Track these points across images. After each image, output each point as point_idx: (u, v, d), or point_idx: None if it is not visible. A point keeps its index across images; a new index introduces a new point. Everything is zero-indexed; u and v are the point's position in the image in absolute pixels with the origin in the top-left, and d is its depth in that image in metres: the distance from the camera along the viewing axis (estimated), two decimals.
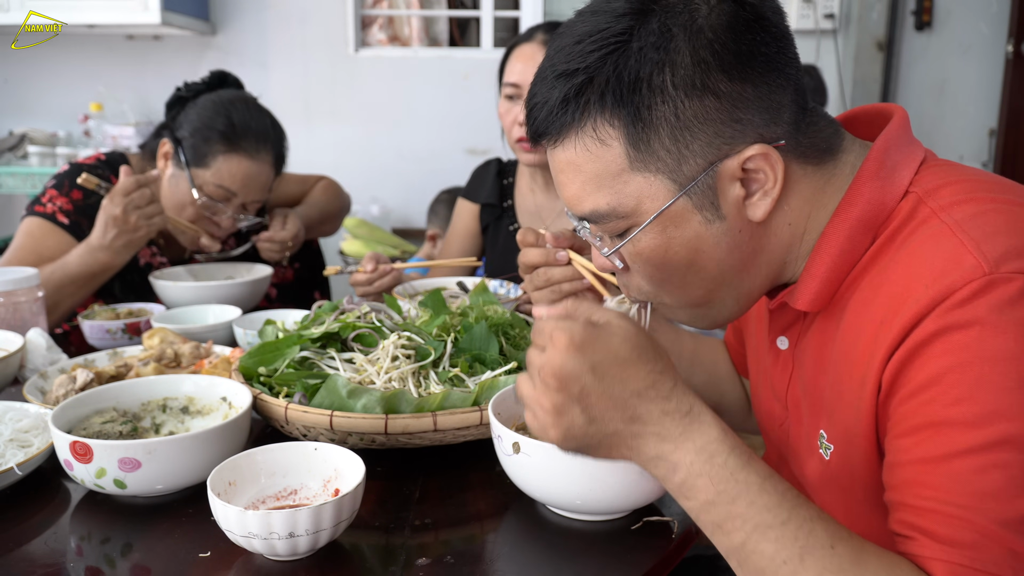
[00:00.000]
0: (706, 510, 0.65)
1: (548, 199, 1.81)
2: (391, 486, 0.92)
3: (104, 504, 0.87)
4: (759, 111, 0.71)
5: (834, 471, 0.78)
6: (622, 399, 0.66)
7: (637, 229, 0.75)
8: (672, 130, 0.70)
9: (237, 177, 1.62)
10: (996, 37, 3.50)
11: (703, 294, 0.78)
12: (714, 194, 0.73)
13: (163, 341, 1.24)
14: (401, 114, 3.62)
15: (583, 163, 0.74)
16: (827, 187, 0.76)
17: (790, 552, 0.62)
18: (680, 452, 0.65)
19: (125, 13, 3.07)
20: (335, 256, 3.50)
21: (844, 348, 0.74)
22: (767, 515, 0.63)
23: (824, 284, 0.76)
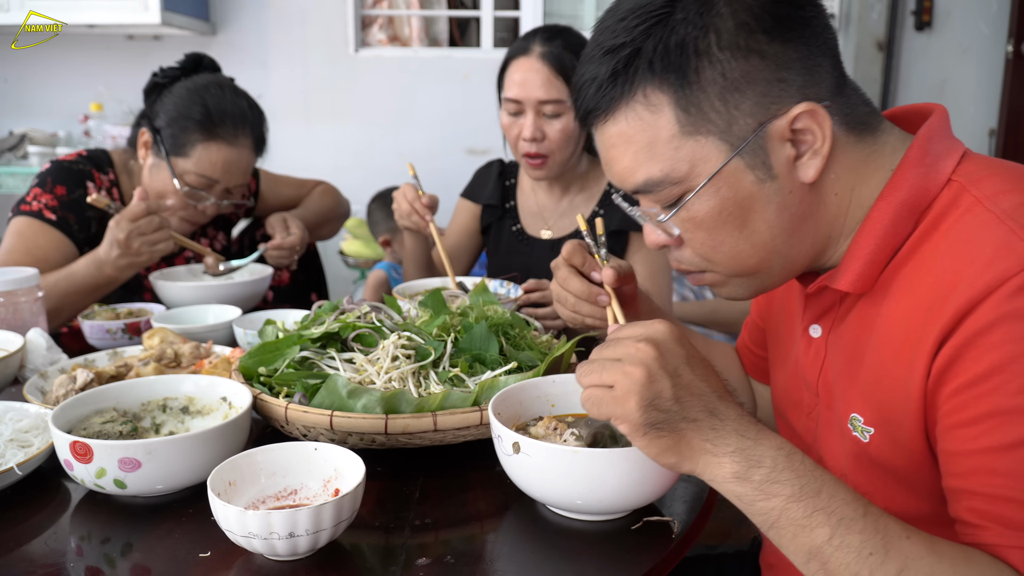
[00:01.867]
0: (789, 507, 0.64)
1: (550, 200, 1.81)
2: (391, 486, 0.92)
3: (104, 504, 0.87)
4: (801, 72, 0.74)
5: (873, 453, 0.79)
6: (705, 394, 0.69)
7: (691, 194, 0.76)
8: (721, 91, 0.73)
9: (218, 165, 1.63)
10: (996, 37, 3.50)
11: (754, 262, 0.80)
12: (765, 154, 0.75)
13: (163, 341, 1.24)
14: (401, 114, 3.62)
15: (634, 133, 0.76)
16: (869, 161, 0.78)
17: (875, 543, 0.62)
18: (762, 447, 0.66)
19: (125, 13, 3.07)
20: (335, 256, 3.50)
21: (886, 332, 0.76)
22: (848, 508, 0.63)
23: (867, 265, 0.77)
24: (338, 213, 2.10)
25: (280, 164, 3.66)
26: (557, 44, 1.62)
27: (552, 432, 0.90)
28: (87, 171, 1.68)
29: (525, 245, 1.82)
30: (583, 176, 1.79)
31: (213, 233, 1.93)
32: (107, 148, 1.80)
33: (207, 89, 1.65)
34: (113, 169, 1.74)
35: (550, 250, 1.79)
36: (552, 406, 0.98)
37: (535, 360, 1.07)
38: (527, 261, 1.80)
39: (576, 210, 1.78)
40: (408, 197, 1.61)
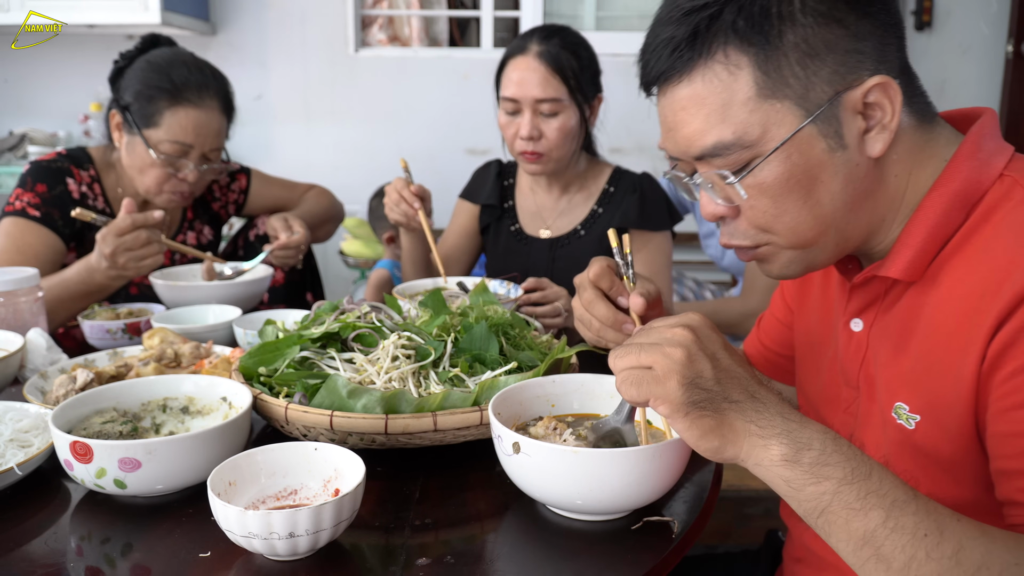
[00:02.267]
0: (842, 491, 0.63)
1: (549, 199, 1.81)
2: (391, 486, 0.92)
3: (104, 504, 0.87)
4: (876, 47, 0.75)
5: (919, 440, 0.79)
6: (744, 378, 0.69)
7: (760, 159, 0.76)
8: (801, 56, 0.74)
9: (188, 128, 1.64)
10: (996, 37, 3.50)
11: (812, 234, 0.80)
12: (838, 123, 0.75)
13: (163, 341, 1.24)
14: (401, 114, 3.62)
15: (709, 95, 0.76)
16: (926, 148, 0.80)
17: (929, 525, 0.62)
18: (808, 431, 0.65)
19: (125, 13, 3.07)
20: (335, 256, 3.50)
21: (936, 320, 0.77)
22: (899, 491, 0.63)
23: (919, 254, 0.78)
24: (333, 215, 2.11)
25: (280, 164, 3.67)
26: (554, 43, 1.62)
27: (552, 432, 0.90)
28: (66, 168, 1.69)
29: (524, 245, 1.82)
30: (582, 175, 1.79)
31: (199, 227, 1.94)
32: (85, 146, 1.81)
33: (166, 58, 1.67)
34: (93, 165, 1.75)
35: (549, 249, 1.79)
36: (552, 406, 0.98)
37: (535, 360, 1.07)
38: (526, 261, 1.80)
39: (575, 209, 1.78)
40: (396, 187, 1.63)
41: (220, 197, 1.98)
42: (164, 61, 1.66)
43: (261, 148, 3.65)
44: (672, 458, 0.79)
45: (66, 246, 1.67)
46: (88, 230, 1.72)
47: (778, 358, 1.12)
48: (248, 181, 2.00)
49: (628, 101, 3.41)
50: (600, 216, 1.75)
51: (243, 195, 1.99)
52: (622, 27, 3.71)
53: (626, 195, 1.73)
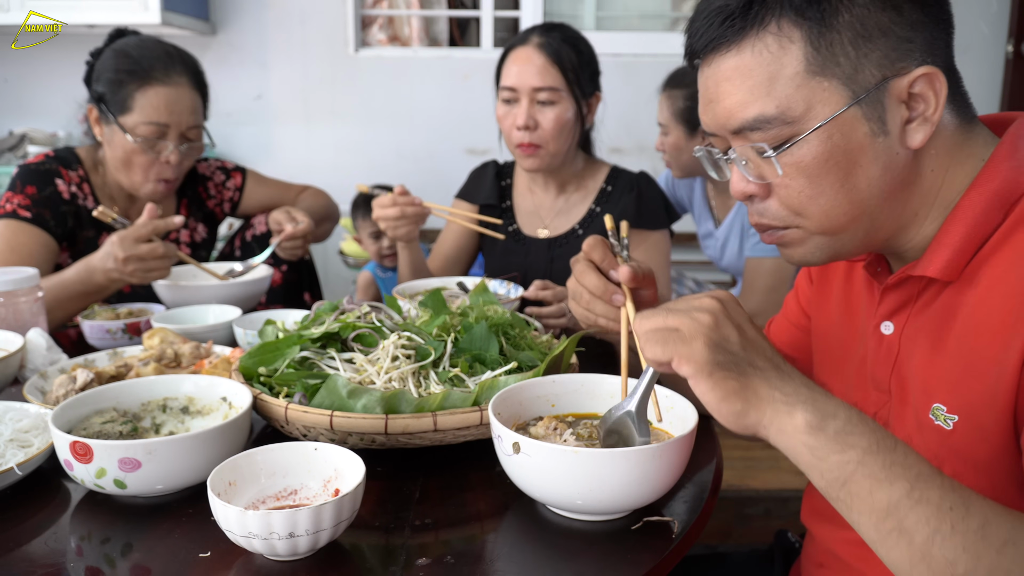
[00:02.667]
0: (867, 460, 0.62)
1: (546, 198, 1.81)
2: (391, 486, 0.92)
3: (104, 504, 0.87)
4: (927, 40, 0.75)
5: (956, 442, 0.79)
6: (769, 352, 0.70)
7: (801, 137, 0.76)
8: (855, 36, 0.74)
9: (161, 107, 1.64)
10: (996, 37, 3.50)
11: (846, 219, 0.79)
12: (883, 109, 0.75)
13: (163, 341, 1.24)
14: (401, 114, 3.62)
15: (756, 66, 0.76)
16: (964, 146, 0.80)
17: (954, 499, 0.61)
18: (832, 402, 0.65)
19: (125, 13, 3.07)
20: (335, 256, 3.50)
21: (975, 321, 0.76)
22: (924, 465, 0.63)
23: (957, 253, 0.78)
24: (330, 214, 2.11)
25: (280, 164, 3.68)
26: (555, 36, 1.64)
27: (552, 432, 0.90)
28: (54, 169, 1.70)
29: (522, 245, 1.82)
30: (579, 174, 1.79)
31: (193, 225, 1.95)
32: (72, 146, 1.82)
33: (131, 44, 1.69)
34: (82, 165, 1.76)
35: (547, 249, 1.79)
36: (552, 406, 0.98)
37: (535, 360, 1.07)
38: (524, 261, 1.80)
39: (573, 209, 1.79)
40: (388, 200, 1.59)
41: (215, 195, 1.98)
42: (129, 46, 1.68)
43: (261, 148, 3.65)
44: (672, 458, 0.79)
45: (58, 245, 1.67)
46: (80, 229, 1.73)
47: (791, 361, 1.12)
48: (243, 180, 2.01)
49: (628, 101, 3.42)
50: (598, 216, 1.75)
51: (238, 193, 2.00)
52: (622, 27, 3.71)
53: (623, 194, 1.73)
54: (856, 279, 0.96)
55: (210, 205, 1.98)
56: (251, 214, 2.02)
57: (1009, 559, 0.59)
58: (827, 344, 1.01)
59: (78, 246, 1.74)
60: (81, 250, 1.74)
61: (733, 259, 2.34)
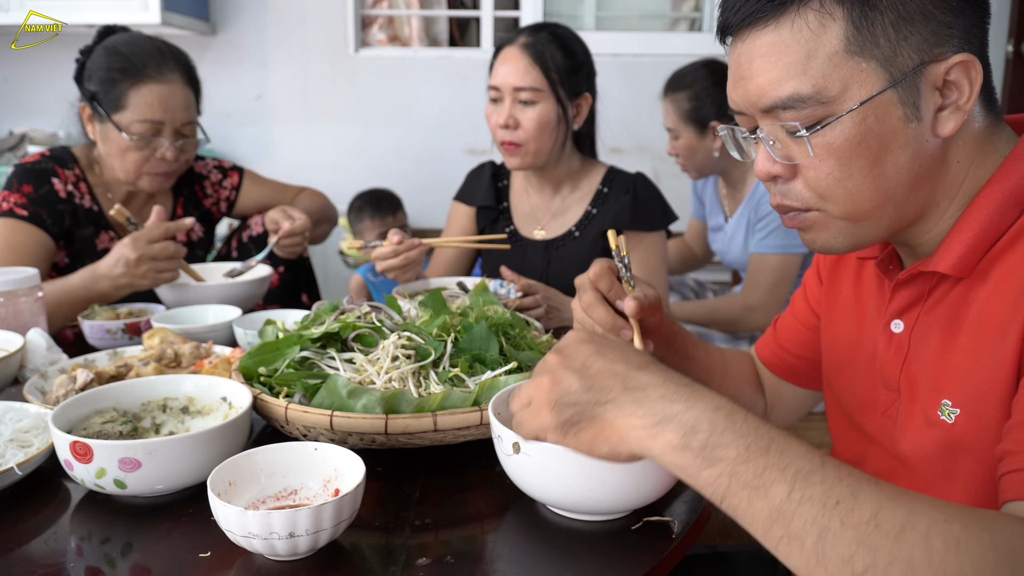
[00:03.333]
0: (738, 471, 0.59)
1: (543, 200, 1.81)
2: (391, 486, 0.92)
3: (104, 504, 0.87)
4: (965, 28, 0.75)
5: (958, 434, 0.78)
6: (622, 373, 0.66)
7: (834, 118, 0.75)
8: (897, 18, 0.73)
9: (155, 105, 1.65)
10: (996, 37, 3.50)
11: (871, 205, 0.78)
12: (917, 94, 0.75)
13: (163, 341, 1.24)
14: (401, 114, 3.62)
15: (794, 43, 0.75)
16: (989, 141, 0.80)
17: (840, 491, 0.57)
18: (694, 411, 0.62)
19: (125, 13, 3.07)
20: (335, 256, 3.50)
21: (983, 317, 0.76)
22: (804, 461, 0.58)
23: (970, 250, 0.78)
24: (328, 215, 2.11)
25: (280, 164, 3.67)
26: (542, 36, 1.65)
27: None
28: (50, 168, 1.71)
29: (519, 246, 1.82)
30: (574, 175, 1.79)
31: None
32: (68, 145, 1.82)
33: (122, 41, 1.70)
34: (78, 164, 1.76)
35: (543, 251, 1.79)
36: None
37: (535, 360, 1.07)
38: (520, 262, 1.80)
39: (569, 210, 1.78)
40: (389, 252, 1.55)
41: (212, 194, 1.99)
42: (120, 44, 1.68)
43: (261, 148, 3.65)
44: None
45: (55, 244, 1.67)
46: (77, 228, 1.73)
47: (795, 360, 1.11)
48: (240, 179, 2.02)
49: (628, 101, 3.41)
50: (594, 217, 1.75)
51: (235, 192, 2.00)
52: (622, 27, 3.71)
53: (619, 196, 1.73)
54: (866, 278, 0.96)
55: (207, 204, 1.98)
56: (248, 214, 2.02)
57: (908, 545, 0.54)
58: (836, 343, 1.00)
59: (75, 245, 1.74)
60: (78, 249, 1.74)
61: (738, 254, 2.34)
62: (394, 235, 1.55)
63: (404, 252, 1.55)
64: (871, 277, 0.94)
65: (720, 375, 1.12)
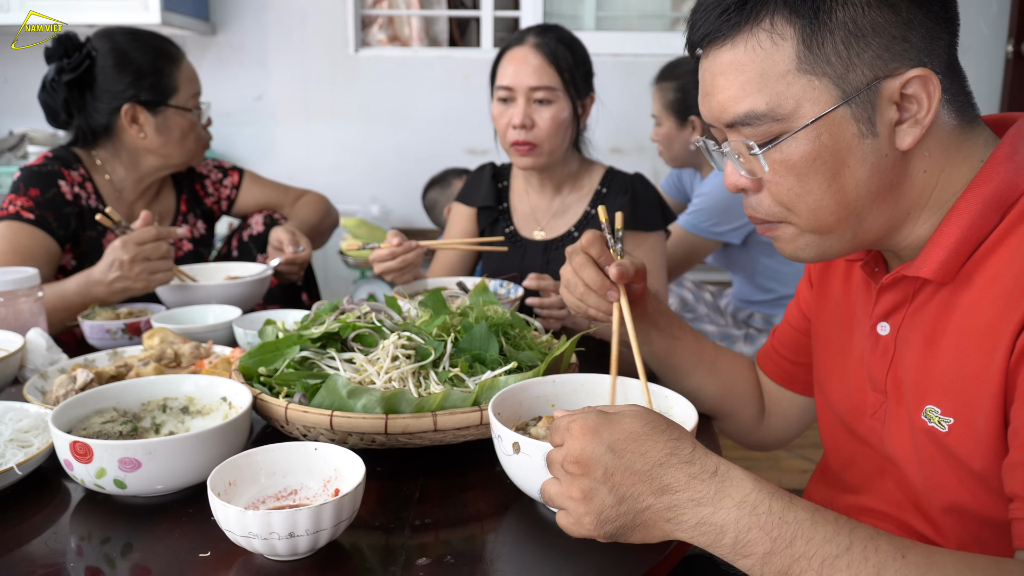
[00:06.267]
0: (767, 562, 0.64)
1: (543, 200, 1.81)
2: (391, 486, 0.92)
3: (104, 504, 0.87)
4: (924, 40, 0.74)
5: (952, 444, 0.78)
6: (646, 472, 0.67)
7: (789, 134, 0.76)
8: (847, 35, 0.73)
9: (194, 77, 1.82)
10: (996, 37, 3.50)
11: (833, 219, 0.79)
12: (872, 110, 0.75)
13: (163, 341, 1.24)
14: (401, 114, 3.62)
15: (749, 62, 0.76)
16: (962, 148, 0.79)
17: (866, 574, 0.61)
18: (721, 512, 0.65)
19: (125, 13, 3.07)
20: (335, 256, 3.50)
21: (969, 322, 0.76)
22: (829, 547, 0.62)
23: (952, 255, 0.77)
24: (328, 224, 2.12)
25: (280, 164, 3.67)
26: (551, 37, 1.66)
27: None
28: (56, 171, 1.71)
29: (518, 247, 1.82)
30: (574, 176, 1.79)
31: (193, 220, 1.96)
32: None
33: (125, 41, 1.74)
34: (82, 164, 1.76)
35: (543, 251, 1.79)
36: (552, 406, 0.98)
37: (535, 360, 1.07)
38: (520, 263, 1.80)
39: (568, 210, 1.79)
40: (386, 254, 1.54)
41: (213, 193, 2.00)
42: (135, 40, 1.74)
43: (261, 148, 3.65)
44: None
45: (61, 247, 1.68)
46: (83, 230, 1.73)
47: (793, 366, 1.12)
48: (240, 178, 2.03)
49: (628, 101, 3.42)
50: (594, 217, 1.75)
51: (235, 191, 2.02)
52: (622, 27, 3.72)
53: (618, 196, 1.73)
54: (854, 279, 0.96)
55: (208, 203, 1.99)
56: (248, 213, 2.03)
57: None
58: (827, 345, 1.00)
59: (82, 247, 1.74)
60: (85, 251, 1.74)
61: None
62: (393, 237, 1.55)
63: (401, 255, 1.55)
64: (859, 279, 0.94)
65: (708, 367, 1.13)
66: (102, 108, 1.71)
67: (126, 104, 1.70)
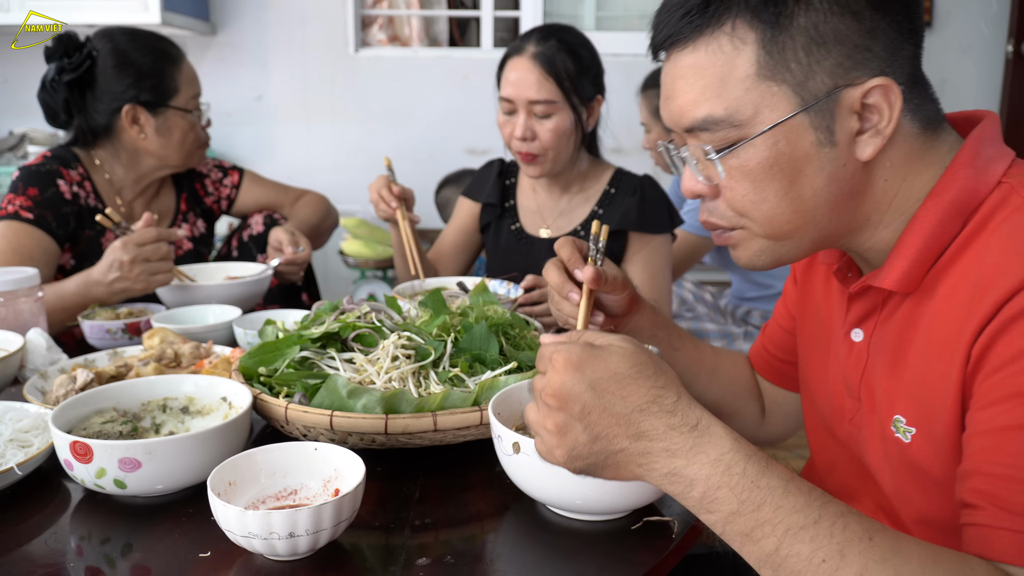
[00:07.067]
0: (731, 521, 0.63)
1: (550, 199, 1.81)
2: (391, 486, 0.92)
3: (104, 504, 0.87)
4: (887, 49, 0.73)
5: (914, 454, 0.78)
6: (624, 415, 0.66)
7: (746, 140, 0.75)
8: (808, 42, 0.72)
9: (193, 78, 1.81)
10: (996, 37, 3.51)
11: (789, 227, 0.78)
12: (831, 118, 0.74)
13: (163, 341, 1.24)
14: (401, 114, 3.62)
15: (709, 66, 0.75)
16: (925, 156, 0.78)
17: (828, 549, 0.60)
18: (694, 466, 0.64)
19: (125, 13, 3.07)
20: (335, 256, 3.50)
21: (931, 331, 0.75)
22: (797, 516, 0.61)
23: (913, 264, 0.76)
24: (328, 224, 2.12)
25: (280, 164, 3.67)
26: (551, 44, 1.63)
27: None
28: (55, 170, 1.71)
29: (524, 244, 1.82)
30: (583, 175, 1.79)
31: (193, 219, 1.96)
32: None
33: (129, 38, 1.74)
34: (81, 163, 1.76)
35: (548, 249, 1.79)
36: None
37: (535, 361, 1.06)
38: (525, 260, 1.81)
39: (575, 209, 1.79)
40: (377, 186, 1.67)
41: (213, 192, 2.00)
42: (135, 40, 1.74)
43: (261, 148, 3.65)
44: None
45: (60, 247, 1.68)
46: (82, 229, 1.73)
47: (783, 365, 1.11)
48: (240, 178, 2.03)
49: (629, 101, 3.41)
50: (600, 217, 1.75)
51: (235, 191, 2.02)
52: (622, 27, 3.71)
53: (626, 197, 1.73)
54: (833, 284, 0.95)
55: (207, 202, 1.99)
56: (247, 213, 2.03)
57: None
58: (810, 344, 1.00)
59: (80, 246, 1.74)
60: (83, 250, 1.74)
61: None
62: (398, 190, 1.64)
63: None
64: (836, 283, 0.93)
65: (709, 374, 1.12)
66: (102, 108, 1.71)
67: (127, 105, 1.70)
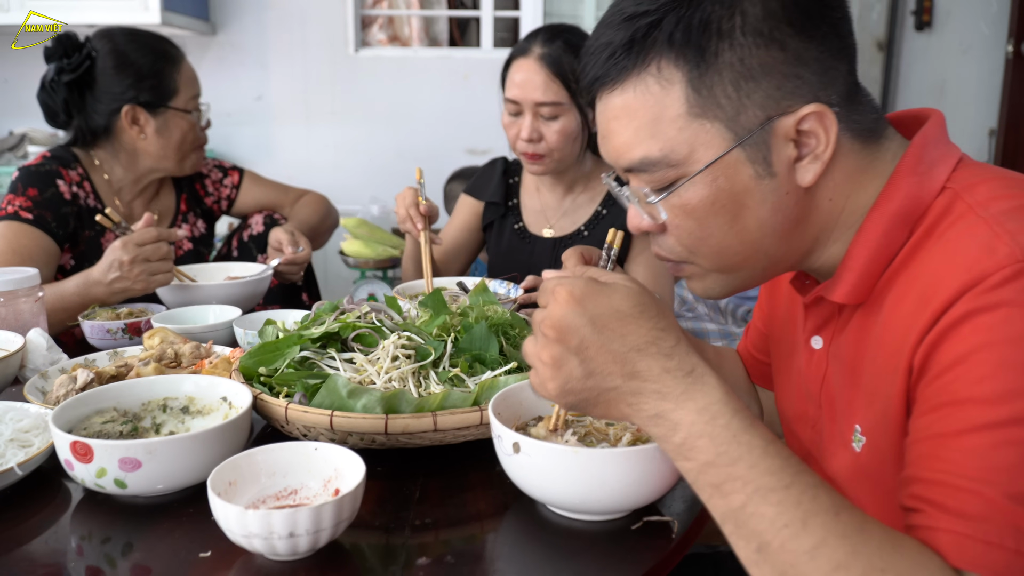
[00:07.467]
0: (704, 471, 0.64)
1: (553, 198, 1.81)
2: (391, 486, 0.92)
3: (104, 504, 0.87)
4: (818, 73, 0.72)
5: (864, 462, 0.78)
6: (621, 354, 0.67)
7: (686, 179, 0.74)
8: (736, 77, 0.71)
9: (193, 79, 1.81)
10: (996, 37, 3.51)
11: (739, 259, 0.78)
12: (768, 149, 0.73)
13: (163, 341, 1.24)
14: (401, 114, 3.62)
15: (639, 107, 0.74)
16: (869, 169, 0.77)
17: (792, 516, 0.60)
18: (681, 411, 0.65)
19: (125, 13, 3.07)
20: (335, 256, 3.50)
21: (882, 341, 0.75)
22: (769, 478, 0.62)
23: (861, 276, 0.76)
24: (328, 224, 2.12)
25: (280, 164, 3.68)
26: (557, 46, 1.62)
27: (552, 432, 0.90)
28: (54, 170, 1.71)
29: (527, 243, 1.82)
30: (587, 175, 1.79)
31: (193, 220, 1.97)
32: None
33: (130, 39, 1.74)
34: (80, 163, 1.76)
35: (551, 249, 1.79)
36: (552, 406, 0.98)
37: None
38: (528, 259, 1.81)
39: (579, 209, 1.79)
40: (406, 203, 1.64)
41: (213, 192, 2.00)
42: (135, 41, 1.74)
43: (261, 148, 3.65)
44: None
45: (60, 247, 1.68)
46: (81, 229, 1.73)
47: (763, 366, 1.11)
48: (240, 178, 2.03)
49: None
50: (604, 217, 1.75)
51: (235, 191, 2.02)
52: None
53: None
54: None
55: (207, 202, 2.00)
56: (247, 213, 2.03)
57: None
58: (779, 347, 1.00)
59: (80, 246, 1.74)
60: (83, 251, 1.74)
61: None
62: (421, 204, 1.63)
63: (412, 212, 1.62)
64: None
65: None
66: (102, 109, 1.71)
67: (126, 105, 1.70)
